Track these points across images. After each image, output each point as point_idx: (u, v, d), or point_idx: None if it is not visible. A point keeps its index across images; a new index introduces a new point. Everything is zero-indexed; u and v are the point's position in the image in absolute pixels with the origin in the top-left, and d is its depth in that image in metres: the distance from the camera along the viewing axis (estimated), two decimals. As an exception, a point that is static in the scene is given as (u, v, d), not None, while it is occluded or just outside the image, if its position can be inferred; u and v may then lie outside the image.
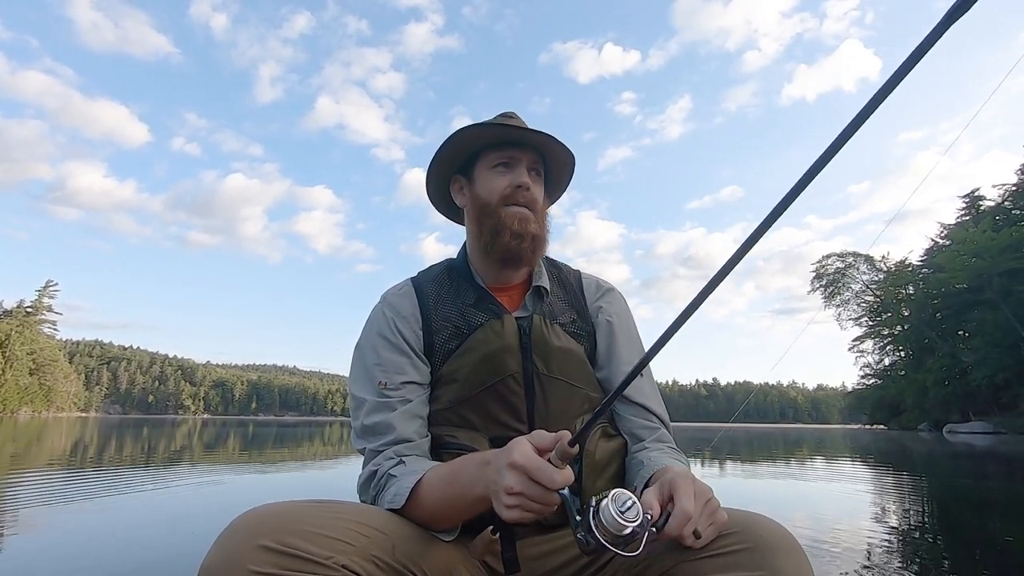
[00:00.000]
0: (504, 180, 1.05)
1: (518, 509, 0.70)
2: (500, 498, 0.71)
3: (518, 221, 1.03)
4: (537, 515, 0.71)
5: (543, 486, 0.69)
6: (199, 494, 4.53)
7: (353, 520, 0.75)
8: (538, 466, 0.69)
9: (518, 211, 1.03)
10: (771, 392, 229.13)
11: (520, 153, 1.06)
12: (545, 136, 1.06)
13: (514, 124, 1.07)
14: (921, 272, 42.45)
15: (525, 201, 1.04)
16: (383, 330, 1.04)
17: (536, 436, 0.73)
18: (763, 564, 0.70)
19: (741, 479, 6.29)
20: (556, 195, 1.21)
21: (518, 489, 0.69)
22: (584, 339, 1.09)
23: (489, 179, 1.06)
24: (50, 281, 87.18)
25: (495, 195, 1.05)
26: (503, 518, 0.72)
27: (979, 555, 2.85)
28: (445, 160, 1.11)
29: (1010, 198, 36.63)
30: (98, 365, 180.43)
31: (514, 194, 1.04)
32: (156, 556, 2.52)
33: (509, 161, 1.06)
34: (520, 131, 1.05)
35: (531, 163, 1.07)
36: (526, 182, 1.04)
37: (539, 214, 1.06)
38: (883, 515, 3.96)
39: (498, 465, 0.73)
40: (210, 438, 15.22)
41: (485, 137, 1.07)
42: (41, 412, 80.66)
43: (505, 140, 1.06)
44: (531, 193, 1.05)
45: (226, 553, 0.67)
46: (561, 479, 0.69)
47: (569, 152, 1.10)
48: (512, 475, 0.70)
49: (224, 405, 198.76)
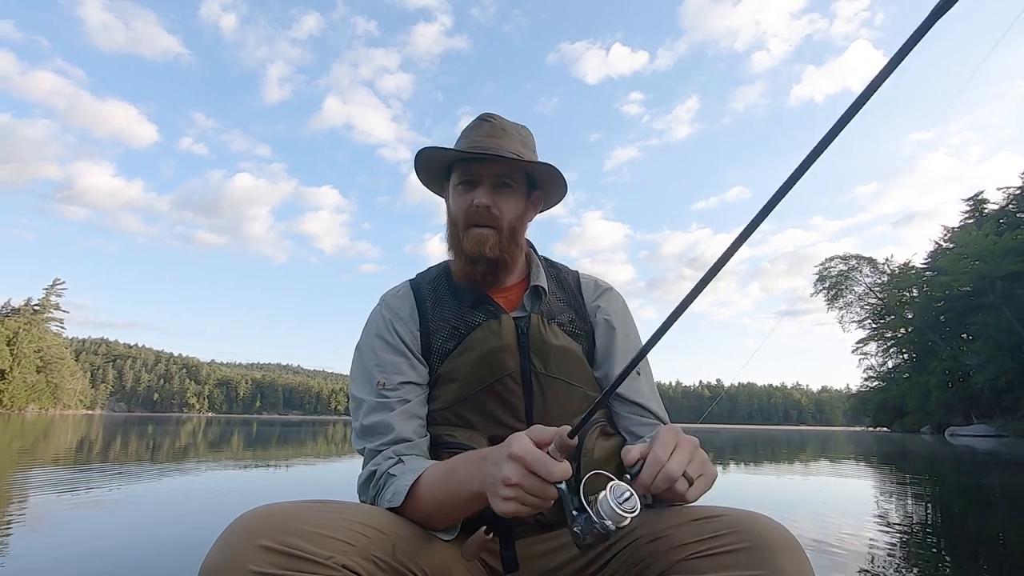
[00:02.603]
0: (466, 200, 1.03)
1: (515, 502, 0.70)
2: (497, 490, 0.71)
3: (474, 244, 1.02)
4: (534, 509, 0.70)
5: (541, 478, 0.69)
6: (201, 493, 4.57)
7: (353, 520, 0.76)
8: (536, 457, 0.69)
9: (477, 233, 1.02)
10: (775, 394, 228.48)
11: (481, 168, 1.03)
12: (494, 158, 1.01)
13: (481, 135, 1.04)
14: (925, 275, 42.35)
15: (485, 221, 1.02)
16: (381, 331, 1.05)
17: (535, 430, 0.73)
18: (763, 563, 0.69)
19: (741, 479, 6.31)
20: (551, 197, 1.15)
21: (515, 480, 0.69)
22: (582, 338, 1.09)
23: (455, 197, 1.06)
24: (57, 280, 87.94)
25: (460, 215, 1.04)
26: (498, 511, 0.71)
27: (981, 557, 2.85)
28: (429, 179, 1.14)
29: (1014, 201, 36.53)
30: (104, 363, 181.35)
31: (473, 215, 1.02)
32: (157, 555, 2.54)
33: (471, 178, 1.04)
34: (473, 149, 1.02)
35: (496, 176, 1.03)
36: (483, 203, 1.01)
37: (504, 231, 1.03)
38: (884, 517, 3.95)
39: (496, 458, 0.73)
40: (214, 436, 15.31)
41: (446, 156, 1.07)
42: (48, 409, 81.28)
43: (469, 155, 1.03)
44: (491, 212, 1.02)
45: (226, 553, 0.66)
46: (559, 471, 0.69)
47: (540, 165, 1.05)
48: (510, 466, 0.70)
49: (228, 404, 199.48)
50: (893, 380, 47.16)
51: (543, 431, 0.72)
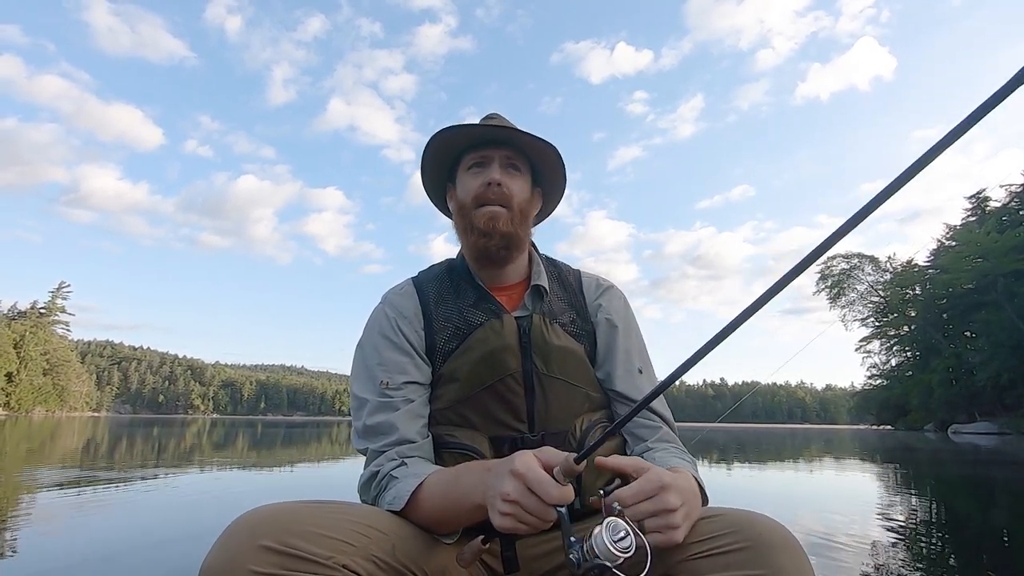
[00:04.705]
0: (477, 180, 1.05)
1: (511, 518, 0.69)
2: (496, 504, 0.71)
3: (486, 220, 1.03)
4: (531, 528, 0.70)
5: (540, 499, 0.68)
6: (203, 493, 4.60)
7: (354, 520, 0.76)
8: (538, 478, 0.68)
9: (488, 210, 1.03)
10: (779, 392, 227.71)
11: (493, 151, 1.06)
12: (511, 131, 1.04)
13: (491, 124, 1.06)
14: (927, 273, 42.25)
15: (496, 197, 1.03)
16: (385, 330, 1.04)
17: (544, 451, 0.73)
18: (763, 563, 0.69)
19: (743, 479, 6.33)
20: (552, 191, 1.18)
21: (514, 497, 0.69)
22: (584, 338, 1.08)
23: (465, 181, 1.07)
24: (63, 282, 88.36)
25: (470, 196, 1.05)
26: (496, 525, 0.71)
27: (985, 555, 2.84)
28: (435, 171, 1.13)
29: (1016, 199, 36.42)
30: (109, 365, 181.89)
31: (485, 193, 1.03)
32: (157, 554, 2.55)
33: (482, 160, 1.06)
34: (486, 128, 1.05)
35: (506, 159, 1.06)
36: (495, 178, 1.03)
37: (515, 210, 1.05)
38: (888, 515, 3.95)
39: (499, 471, 0.73)
40: (218, 438, 15.33)
41: (458, 142, 1.08)
42: (54, 412, 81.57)
43: (480, 140, 1.07)
44: (504, 189, 1.04)
45: (227, 553, 0.67)
46: (559, 495, 0.68)
47: (547, 144, 1.07)
48: (511, 482, 0.70)
49: (233, 405, 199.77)
50: (896, 378, 46.97)
51: (551, 453, 0.72)
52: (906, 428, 40.88)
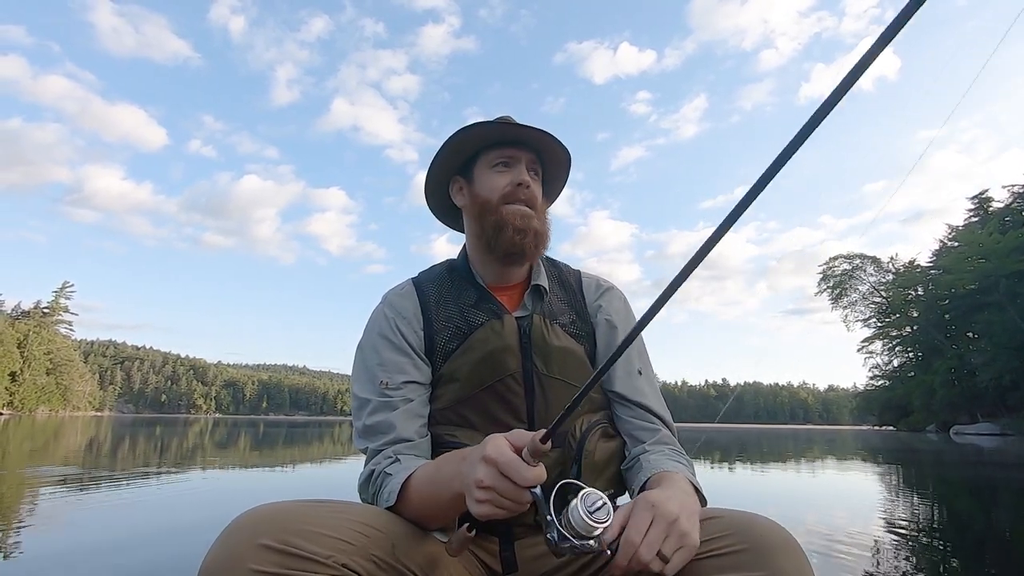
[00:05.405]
0: (504, 178, 1.06)
1: (488, 504, 0.69)
2: (471, 492, 0.71)
3: (520, 218, 1.04)
4: (509, 512, 0.70)
5: (513, 482, 0.68)
6: (204, 492, 4.62)
7: (353, 519, 0.76)
8: (508, 460, 0.68)
9: (519, 209, 1.05)
10: (781, 393, 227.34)
11: (519, 152, 1.08)
12: (543, 133, 1.07)
13: (527, 126, 1.09)
14: (929, 274, 42.16)
15: (526, 198, 1.06)
16: (384, 330, 1.05)
17: (513, 433, 0.73)
18: (762, 564, 0.69)
19: (745, 480, 6.34)
20: (553, 195, 1.22)
21: (488, 483, 0.69)
22: (584, 339, 1.09)
23: (489, 178, 1.07)
24: (66, 282, 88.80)
25: (496, 193, 1.06)
26: (474, 513, 0.71)
27: (987, 555, 2.84)
28: (447, 161, 1.12)
29: (1018, 199, 36.33)
30: (112, 365, 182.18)
31: (515, 192, 1.05)
32: (158, 553, 2.57)
33: (509, 160, 1.07)
34: (520, 129, 1.07)
35: (530, 162, 1.09)
36: (526, 180, 1.06)
37: (539, 211, 1.08)
38: (890, 516, 3.95)
39: (472, 459, 0.73)
40: (221, 437, 15.37)
41: (485, 136, 1.09)
42: (58, 411, 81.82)
43: (505, 139, 1.08)
44: (531, 191, 1.06)
45: (227, 552, 0.67)
46: (531, 476, 0.68)
47: (566, 151, 1.11)
48: (483, 469, 0.70)
49: (235, 405, 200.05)
50: (899, 379, 46.87)
51: (520, 435, 0.71)
52: (908, 429, 40.79)
